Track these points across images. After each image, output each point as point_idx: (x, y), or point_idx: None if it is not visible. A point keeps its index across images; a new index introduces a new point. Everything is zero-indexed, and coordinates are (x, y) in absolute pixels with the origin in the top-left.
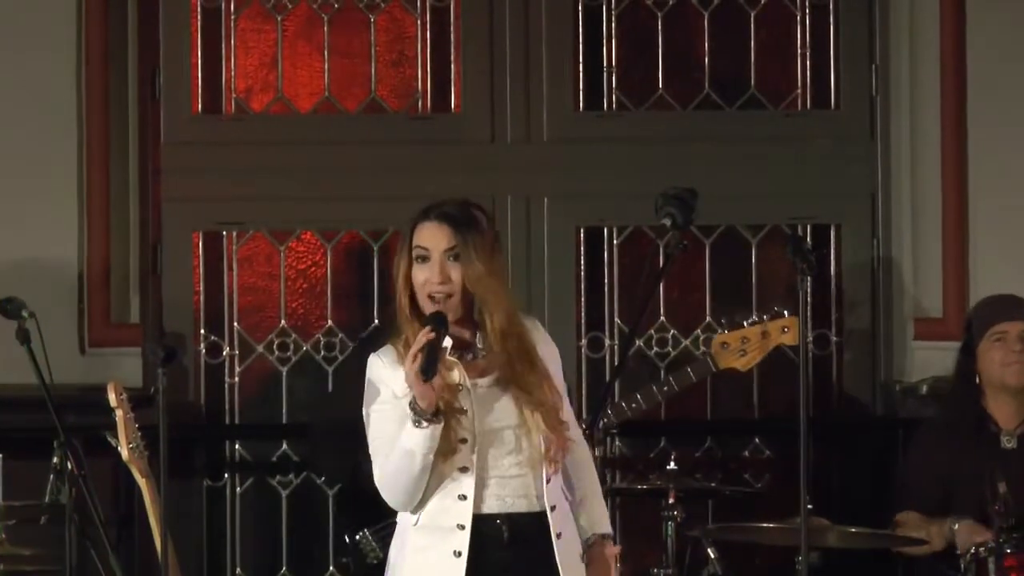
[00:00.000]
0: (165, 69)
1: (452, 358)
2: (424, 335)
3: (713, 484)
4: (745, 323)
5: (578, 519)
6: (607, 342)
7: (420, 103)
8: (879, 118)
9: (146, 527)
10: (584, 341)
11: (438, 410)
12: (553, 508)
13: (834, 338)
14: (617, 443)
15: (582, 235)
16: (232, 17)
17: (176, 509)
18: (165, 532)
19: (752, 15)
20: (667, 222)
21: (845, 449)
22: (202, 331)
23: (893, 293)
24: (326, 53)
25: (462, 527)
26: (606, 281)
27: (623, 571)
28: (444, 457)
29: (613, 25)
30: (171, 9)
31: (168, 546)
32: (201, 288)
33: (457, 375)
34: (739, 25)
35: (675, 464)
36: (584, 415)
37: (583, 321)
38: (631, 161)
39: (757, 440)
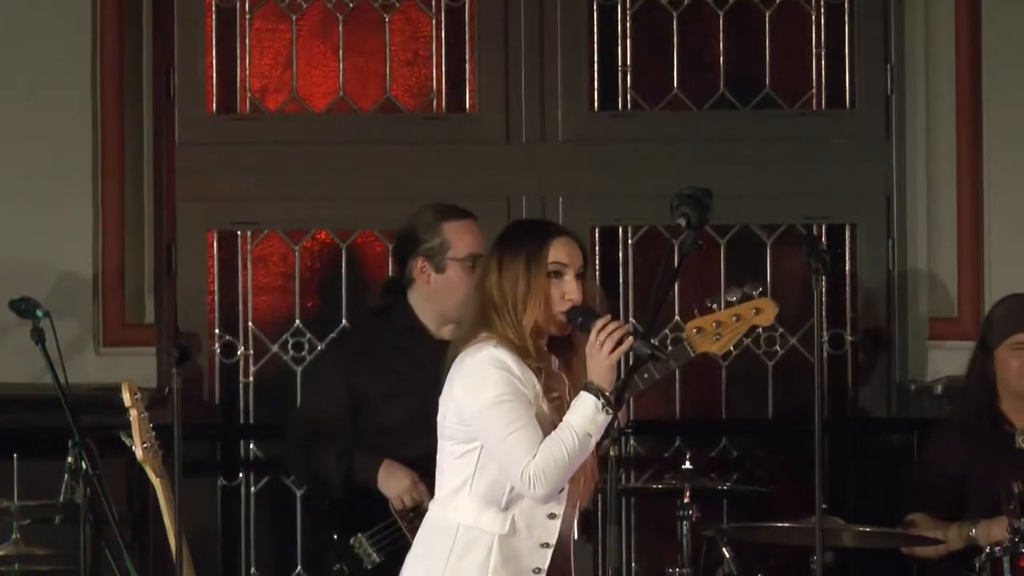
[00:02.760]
0: (180, 69)
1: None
2: (622, 329)
3: (728, 484)
4: (716, 307)
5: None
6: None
7: (435, 103)
8: (894, 118)
9: (160, 526)
10: None
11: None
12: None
13: (849, 338)
14: (632, 442)
15: (597, 235)
16: (247, 16)
17: (191, 508)
18: (180, 531)
19: (767, 15)
20: (682, 222)
21: (860, 449)
22: (216, 331)
23: (908, 293)
24: (341, 53)
25: (548, 545)
26: (621, 281)
27: (638, 570)
28: None
29: (628, 25)
30: (186, 9)
31: (183, 545)
32: (216, 288)
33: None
34: (754, 25)
35: (690, 464)
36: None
37: None
38: (646, 161)
39: (772, 440)
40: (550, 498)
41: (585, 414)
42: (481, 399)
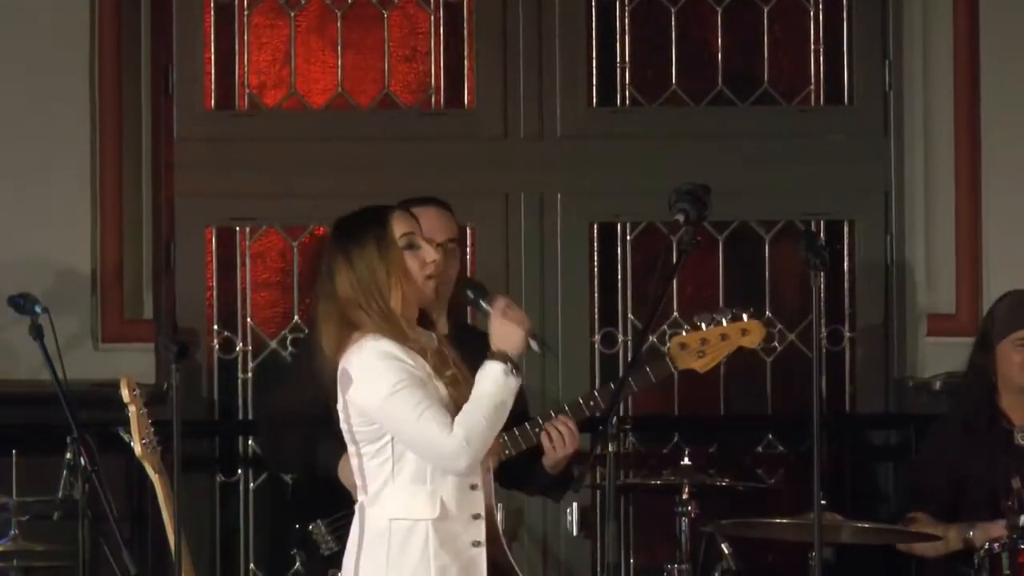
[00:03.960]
0: (178, 65)
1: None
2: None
3: (727, 480)
4: (704, 325)
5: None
6: (620, 338)
7: (433, 99)
8: (892, 114)
9: (159, 523)
10: (597, 337)
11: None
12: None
13: (847, 334)
14: (631, 439)
15: (595, 231)
16: (245, 13)
17: (189, 505)
18: (178, 528)
19: (765, 11)
20: (680, 218)
21: (858, 445)
22: (215, 327)
23: (906, 289)
24: (339, 49)
25: (477, 516)
26: (619, 277)
27: (637, 566)
28: None
29: (626, 21)
30: (184, 5)
31: (181, 542)
32: (214, 284)
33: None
34: (752, 21)
35: (689, 460)
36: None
37: (596, 317)
38: (644, 157)
39: (771, 436)
40: (472, 470)
41: (496, 380)
42: (379, 393)
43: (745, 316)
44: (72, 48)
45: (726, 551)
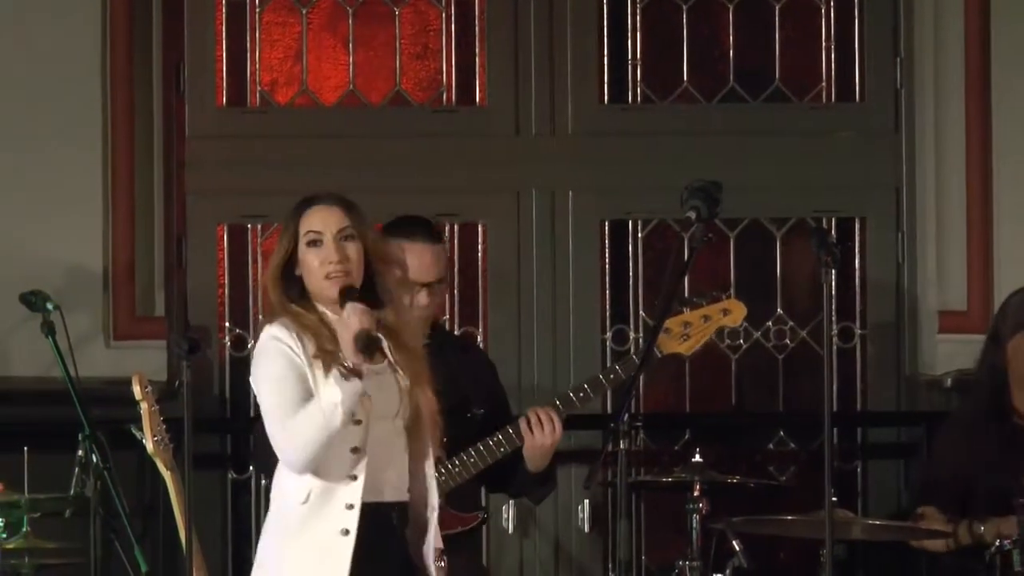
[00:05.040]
0: (190, 62)
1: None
2: (361, 311)
3: (738, 477)
4: (685, 308)
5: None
6: (632, 335)
7: (444, 96)
8: (903, 111)
9: (171, 520)
10: (609, 334)
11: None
12: (439, 506)
13: (858, 331)
14: (642, 436)
15: (607, 228)
16: (257, 10)
17: (201, 502)
18: (190, 525)
19: (777, 8)
20: (692, 215)
21: (869, 442)
22: (227, 324)
23: (917, 286)
24: (351, 46)
25: (351, 506)
26: (631, 274)
27: (648, 564)
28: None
29: (638, 18)
30: (196, 2)
31: (193, 539)
32: (226, 281)
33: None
34: (764, 18)
35: (700, 457)
36: (608, 409)
37: (608, 314)
38: (656, 154)
39: (782, 433)
40: (305, 468)
41: (325, 384)
42: (254, 379)
43: (724, 296)
44: (84, 45)
45: (737, 548)
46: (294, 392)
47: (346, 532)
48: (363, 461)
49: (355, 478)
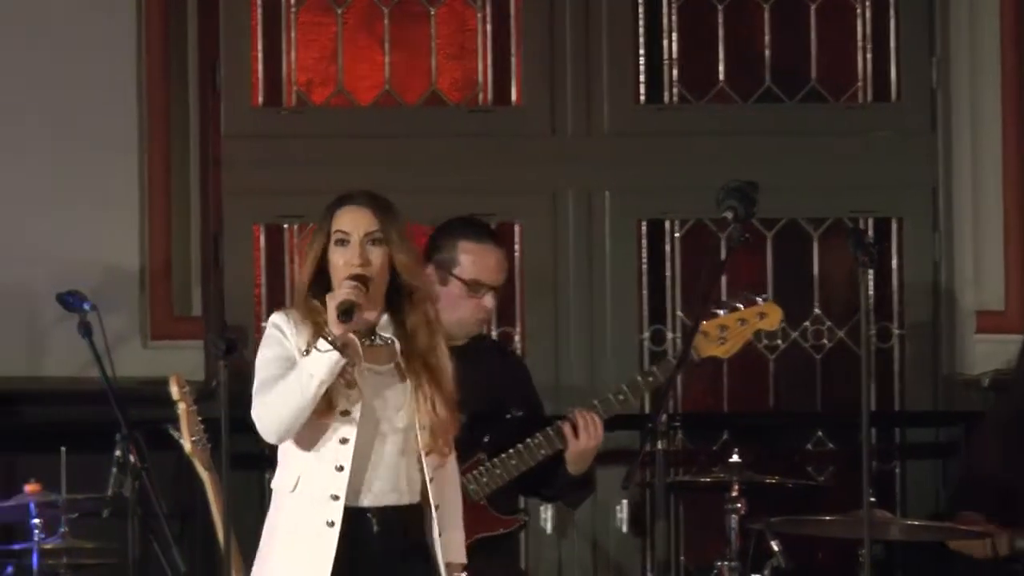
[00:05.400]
0: (225, 62)
1: (353, 336)
2: (351, 285)
3: (776, 477)
4: (721, 311)
5: (437, 547)
6: (669, 335)
7: (480, 96)
8: (939, 111)
9: (208, 520)
10: (646, 334)
11: (345, 345)
12: (438, 507)
13: (896, 331)
14: (680, 436)
15: (643, 228)
16: (292, 10)
17: (238, 502)
18: (228, 525)
19: (812, 8)
20: (728, 215)
21: (907, 442)
22: (263, 323)
23: (954, 286)
24: (386, 46)
25: (336, 498)
26: (668, 274)
27: (687, 564)
28: (326, 424)
29: (674, 18)
30: (231, 2)
31: (230, 539)
32: (262, 281)
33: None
34: (800, 18)
35: (738, 457)
36: (646, 409)
37: (645, 315)
38: (692, 154)
39: (820, 433)
40: (277, 436)
41: (311, 355)
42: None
43: (760, 299)
44: (120, 45)
45: (776, 548)
46: (277, 371)
47: (331, 524)
48: (351, 455)
49: (341, 469)
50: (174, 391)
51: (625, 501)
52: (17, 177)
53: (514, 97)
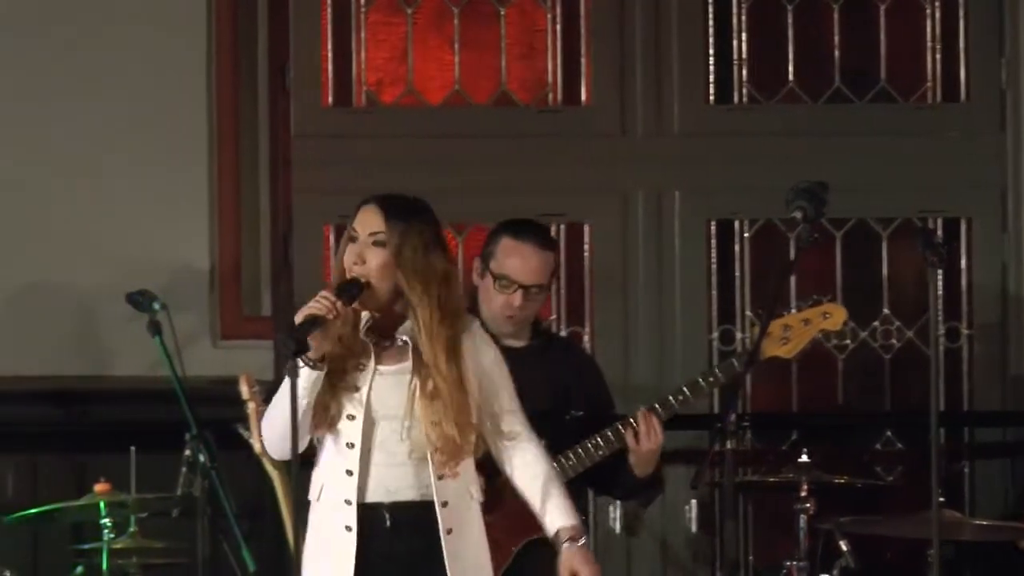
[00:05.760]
0: (295, 62)
1: (365, 339)
2: (320, 300)
3: (845, 477)
4: (786, 312)
5: (543, 522)
6: (738, 335)
7: (550, 96)
8: (1009, 111)
9: (278, 519)
10: (715, 334)
11: (322, 359)
12: (445, 504)
13: (965, 331)
14: (749, 436)
15: (713, 228)
16: (362, 10)
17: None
18: (297, 524)
19: (882, 8)
20: (798, 215)
21: (976, 442)
22: None
23: (1023, 286)
24: (456, 46)
25: (348, 502)
26: (737, 274)
27: (756, 564)
28: (331, 428)
29: (743, 18)
30: (301, 2)
31: (300, 538)
32: (332, 280)
33: (369, 356)
34: (869, 18)
35: (807, 457)
36: (715, 409)
37: (714, 314)
38: (761, 154)
39: (889, 433)
40: (275, 452)
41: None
42: None
43: (825, 300)
44: (190, 46)
45: (844, 548)
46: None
47: (348, 528)
48: (358, 458)
49: (350, 473)
50: (243, 390)
51: (694, 501)
52: (89, 178)
53: (583, 97)
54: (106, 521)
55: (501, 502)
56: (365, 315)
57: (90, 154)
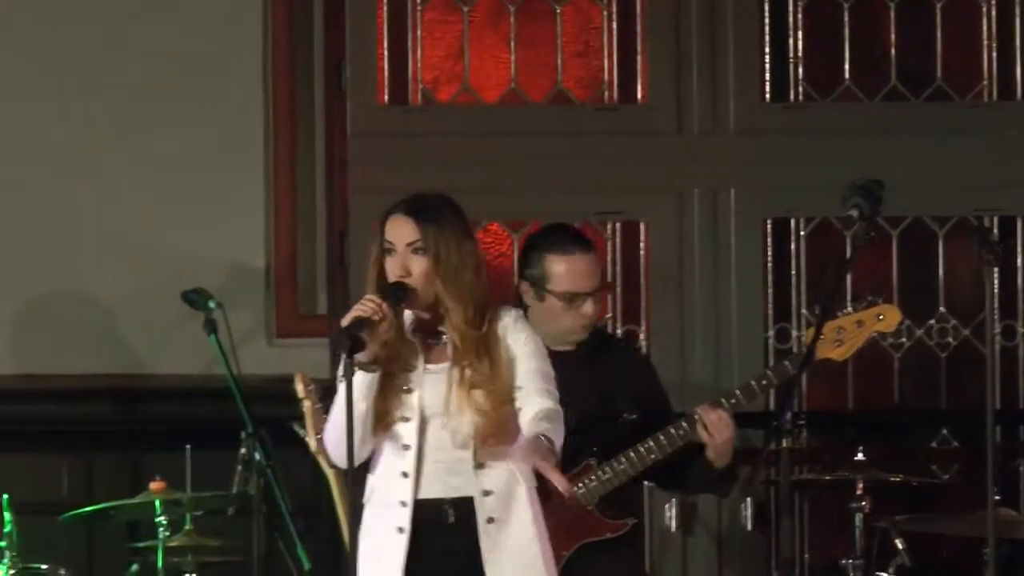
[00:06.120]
0: (351, 60)
1: (413, 339)
2: (365, 303)
3: (901, 476)
4: (840, 313)
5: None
6: (794, 333)
7: (606, 94)
8: None
9: (333, 517)
10: (771, 332)
11: (375, 361)
12: (488, 493)
13: (1021, 329)
14: (805, 435)
15: (769, 226)
16: (418, 8)
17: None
18: (352, 523)
19: (938, 6)
20: (854, 213)
21: None
22: None
23: None
24: (512, 44)
25: (404, 504)
26: (793, 272)
27: (811, 562)
28: (387, 432)
29: (799, 16)
30: (357, 1)
31: (356, 536)
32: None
33: (417, 356)
34: (925, 16)
35: (863, 455)
36: (771, 407)
37: (770, 313)
38: (817, 152)
39: (945, 431)
40: (338, 459)
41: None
42: None
43: (880, 302)
44: (246, 45)
45: (900, 547)
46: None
47: (400, 530)
48: (414, 458)
49: (406, 475)
50: (299, 389)
51: (750, 499)
52: (146, 177)
53: (640, 95)
54: (161, 519)
55: (549, 506)
56: (408, 315)
57: (148, 154)
